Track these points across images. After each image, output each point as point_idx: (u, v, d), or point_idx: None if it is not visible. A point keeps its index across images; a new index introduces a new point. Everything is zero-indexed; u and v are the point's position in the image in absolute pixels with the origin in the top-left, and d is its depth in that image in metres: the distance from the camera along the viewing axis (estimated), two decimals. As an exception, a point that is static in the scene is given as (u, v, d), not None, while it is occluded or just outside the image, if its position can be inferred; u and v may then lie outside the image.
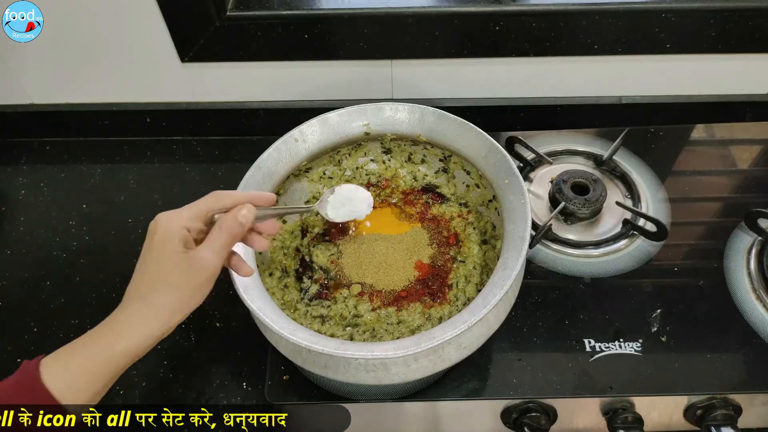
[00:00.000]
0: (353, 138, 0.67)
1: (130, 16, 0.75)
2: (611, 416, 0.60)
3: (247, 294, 0.52)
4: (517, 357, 0.62)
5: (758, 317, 0.64)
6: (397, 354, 0.48)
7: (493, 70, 0.83)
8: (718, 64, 0.82)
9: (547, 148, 0.81)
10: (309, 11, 0.75)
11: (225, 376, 0.67)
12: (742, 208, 0.72)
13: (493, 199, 0.65)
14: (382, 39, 0.78)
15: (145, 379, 0.67)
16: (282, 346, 0.55)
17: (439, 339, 0.48)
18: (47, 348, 0.72)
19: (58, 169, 0.88)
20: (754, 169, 0.81)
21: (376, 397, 0.60)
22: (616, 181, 0.78)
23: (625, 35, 0.77)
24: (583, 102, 0.87)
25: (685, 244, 0.73)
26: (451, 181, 0.71)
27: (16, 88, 0.85)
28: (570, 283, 0.69)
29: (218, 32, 0.76)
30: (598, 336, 0.63)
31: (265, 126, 0.88)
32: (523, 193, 0.57)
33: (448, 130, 0.65)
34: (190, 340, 0.70)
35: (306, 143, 0.64)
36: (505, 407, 0.61)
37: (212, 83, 0.85)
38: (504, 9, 0.75)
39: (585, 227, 0.74)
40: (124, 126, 0.89)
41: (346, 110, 0.65)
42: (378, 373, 0.52)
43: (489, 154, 0.62)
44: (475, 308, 0.50)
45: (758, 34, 0.77)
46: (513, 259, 0.52)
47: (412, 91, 0.85)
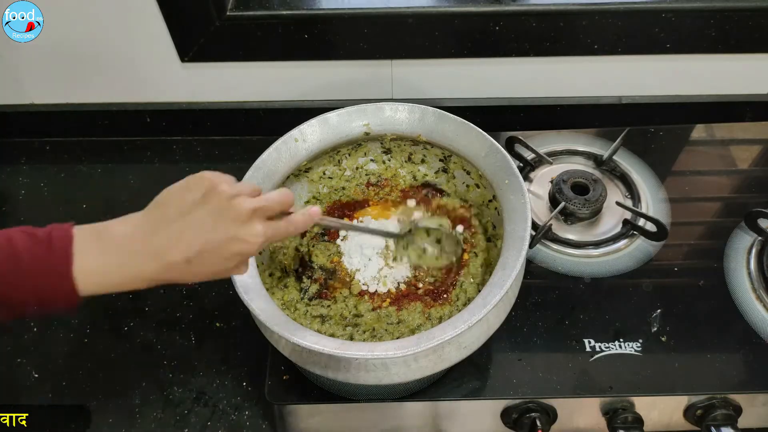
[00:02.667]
0: (353, 138, 0.67)
1: (130, 16, 0.75)
2: (611, 416, 0.60)
3: (247, 294, 0.52)
4: (517, 357, 0.62)
5: (758, 317, 0.64)
6: (398, 354, 0.48)
7: (493, 70, 0.83)
8: (718, 64, 0.82)
9: (547, 148, 0.81)
10: (309, 11, 0.75)
11: (225, 376, 0.67)
12: (742, 208, 0.72)
13: (493, 199, 0.65)
14: (382, 39, 0.78)
15: (146, 379, 0.67)
16: (282, 346, 0.55)
17: (440, 339, 0.48)
18: (47, 348, 0.72)
19: (58, 169, 0.88)
20: (754, 169, 0.81)
21: (376, 397, 0.60)
22: (616, 181, 0.78)
23: (625, 35, 0.77)
24: (583, 102, 0.87)
25: (685, 244, 0.73)
26: (451, 181, 0.71)
27: (16, 88, 0.85)
28: (570, 283, 0.69)
29: (218, 32, 0.76)
30: (598, 336, 0.63)
31: (265, 126, 0.88)
32: (523, 192, 0.57)
33: (448, 130, 0.65)
34: (190, 340, 0.70)
35: (306, 143, 0.64)
36: (505, 407, 0.61)
37: (212, 83, 0.85)
38: (504, 9, 0.75)
39: (585, 227, 0.74)
40: (124, 126, 0.89)
41: (346, 110, 0.65)
42: (378, 373, 0.52)
43: (489, 154, 0.62)
44: (475, 308, 0.50)
45: (758, 34, 0.77)
46: (513, 259, 0.52)
47: (412, 91, 0.85)
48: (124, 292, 0.45)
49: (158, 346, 0.70)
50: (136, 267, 0.43)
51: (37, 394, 0.66)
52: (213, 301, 0.73)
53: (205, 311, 0.72)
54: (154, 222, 0.44)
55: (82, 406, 0.66)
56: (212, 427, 0.64)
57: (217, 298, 0.73)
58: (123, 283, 0.44)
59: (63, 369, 0.68)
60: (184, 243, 0.43)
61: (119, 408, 0.65)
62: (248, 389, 0.67)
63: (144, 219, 0.45)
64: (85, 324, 0.72)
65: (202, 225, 0.44)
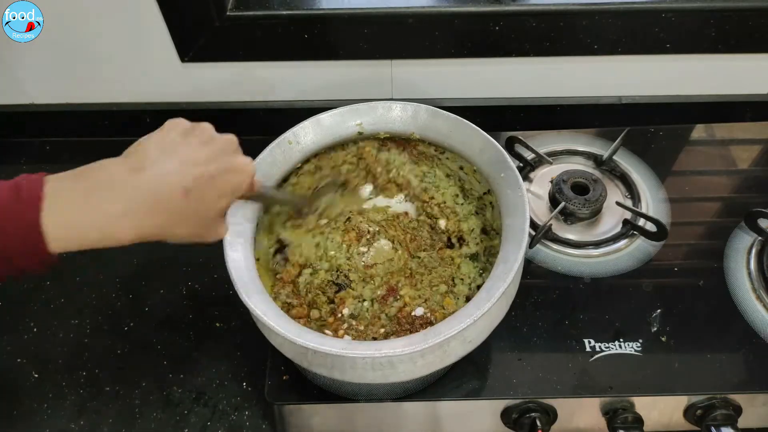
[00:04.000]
0: (347, 138, 0.67)
1: (130, 16, 0.75)
2: (611, 416, 0.60)
3: (250, 298, 0.52)
4: (517, 357, 0.62)
5: (758, 317, 0.64)
6: (405, 351, 0.48)
7: (493, 70, 0.83)
8: (718, 64, 0.82)
9: (547, 148, 0.81)
10: (309, 11, 0.75)
11: (225, 376, 0.68)
12: (742, 208, 0.72)
13: (487, 193, 0.65)
14: (382, 39, 0.78)
15: (145, 380, 0.67)
16: (286, 348, 0.55)
17: (446, 334, 0.48)
18: (47, 348, 0.72)
19: (58, 169, 0.87)
20: (754, 169, 0.81)
21: (376, 397, 0.60)
22: (616, 181, 0.78)
23: (625, 35, 0.77)
24: (583, 102, 0.87)
25: (685, 244, 0.73)
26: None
27: (16, 88, 0.85)
28: (570, 283, 0.69)
29: (218, 32, 0.76)
30: (598, 336, 0.63)
31: (265, 126, 0.87)
32: (520, 186, 0.57)
33: (441, 127, 0.64)
34: (190, 340, 0.70)
35: (300, 145, 0.64)
36: (505, 407, 0.61)
37: (212, 83, 0.85)
38: (504, 9, 0.75)
39: (585, 227, 0.74)
40: (124, 126, 0.89)
41: (339, 111, 0.65)
42: (385, 371, 0.52)
43: (484, 149, 0.61)
44: (479, 301, 0.50)
45: (758, 34, 0.77)
46: (514, 252, 0.53)
47: (412, 91, 0.85)
48: (124, 293, 0.43)
49: (158, 346, 0.70)
50: (123, 209, 0.38)
51: (37, 394, 0.66)
52: (213, 301, 0.73)
53: (205, 311, 0.72)
54: (138, 162, 0.40)
55: (82, 406, 0.66)
56: (212, 427, 0.64)
57: (217, 298, 0.73)
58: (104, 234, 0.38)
59: (63, 369, 0.68)
60: (181, 170, 0.40)
61: (119, 408, 0.65)
62: (248, 389, 0.67)
63: (124, 161, 0.40)
64: (85, 324, 0.72)
65: (193, 156, 0.41)
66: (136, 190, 0.39)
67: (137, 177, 0.39)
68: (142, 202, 0.39)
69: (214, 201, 0.42)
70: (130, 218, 0.39)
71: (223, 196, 0.43)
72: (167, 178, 0.39)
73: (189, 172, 0.40)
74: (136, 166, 0.40)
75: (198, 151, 0.41)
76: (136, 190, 0.39)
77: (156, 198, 0.39)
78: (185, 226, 0.42)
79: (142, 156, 0.40)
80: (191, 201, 0.40)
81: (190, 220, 0.41)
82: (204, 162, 0.41)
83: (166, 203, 0.39)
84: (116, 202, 0.38)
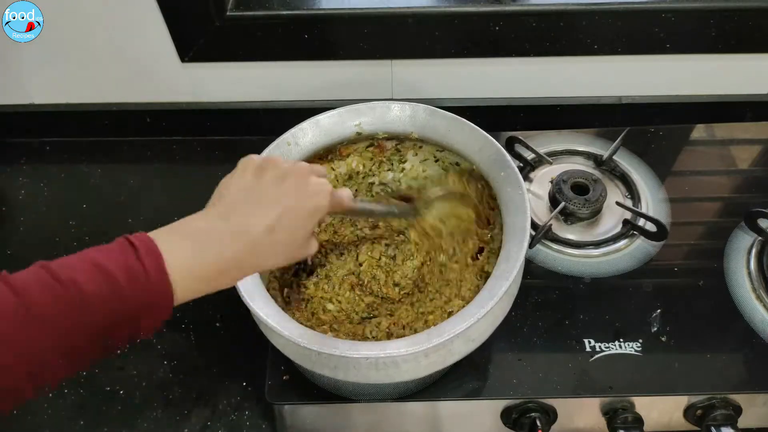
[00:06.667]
0: (346, 138, 0.67)
1: (130, 16, 0.75)
2: (611, 416, 0.60)
3: (253, 301, 0.52)
4: (517, 357, 0.62)
5: (758, 317, 0.64)
6: (409, 351, 0.48)
7: (493, 70, 0.83)
8: (718, 64, 0.82)
9: (547, 148, 0.81)
10: (309, 11, 0.75)
11: (225, 376, 0.67)
12: (742, 208, 0.72)
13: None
14: (382, 39, 0.78)
15: (145, 380, 0.67)
16: (289, 350, 0.54)
17: (450, 333, 0.48)
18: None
19: (58, 169, 0.88)
20: (754, 169, 0.81)
21: (376, 397, 0.60)
22: (616, 181, 0.78)
23: (625, 35, 0.77)
24: (583, 102, 0.87)
25: (685, 244, 0.73)
26: None
27: (16, 88, 0.85)
28: (570, 283, 0.69)
29: (218, 32, 0.76)
30: (598, 336, 0.63)
31: (265, 126, 0.88)
32: (520, 184, 0.57)
33: (440, 126, 0.64)
34: (190, 340, 0.70)
35: (299, 146, 0.64)
36: (505, 407, 0.61)
37: (212, 83, 0.85)
38: (504, 9, 0.75)
39: (585, 227, 0.74)
40: (124, 126, 0.89)
41: (337, 111, 0.65)
42: (389, 371, 0.52)
43: (483, 148, 0.62)
44: (482, 300, 0.50)
45: (758, 34, 0.77)
46: (515, 251, 0.53)
47: (412, 91, 0.85)
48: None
49: (158, 346, 0.70)
50: (222, 253, 0.41)
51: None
52: (213, 301, 0.73)
53: (205, 311, 0.72)
54: (225, 208, 0.44)
55: (82, 406, 0.66)
56: (212, 427, 0.64)
57: (217, 298, 0.73)
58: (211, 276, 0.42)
59: (63, 369, 0.68)
60: (261, 212, 0.43)
61: (119, 408, 0.65)
62: (248, 389, 0.67)
63: (213, 210, 0.44)
64: (85, 324, 0.72)
65: (273, 192, 0.44)
66: (228, 236, 0.42)
67: (228, 223, 0.43)
68: (237, 243, 0.42)
69: (298, 228, 0.45)
70: (233, 265, 0.42)
71: (306, 222, 0.46)
72: (254, 220, 0.43)
73: (272, 208, 0.44)
74: (224, 213, 0.43)
75: (273, 188, 0.45)
76: (228, 236, 0.42)
77: (248, 238, 0.42)
78: (277, 257, 0.45)
79: (229, 202, 0.44)
80: (278, 235, 0.44)
81: (280, 250, 0.45)
82: (281, 197, 0.44)
83: (257, 241, 0.43)
84: (216, 250, 0.42)
